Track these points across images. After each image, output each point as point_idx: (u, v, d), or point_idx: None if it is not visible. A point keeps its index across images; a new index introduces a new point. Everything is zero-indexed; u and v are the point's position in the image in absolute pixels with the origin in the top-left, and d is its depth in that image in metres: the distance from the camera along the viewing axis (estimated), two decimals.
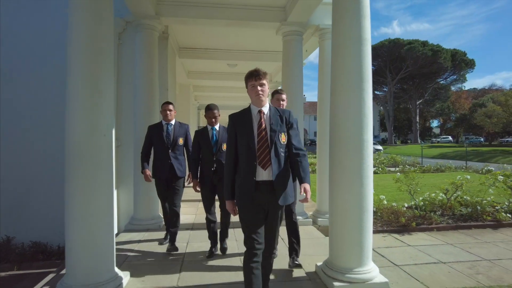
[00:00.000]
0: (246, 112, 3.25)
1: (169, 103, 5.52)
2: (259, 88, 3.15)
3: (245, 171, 3.10)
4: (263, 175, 3.09)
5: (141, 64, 6.38)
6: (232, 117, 3.28)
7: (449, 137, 58.67)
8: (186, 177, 5.40)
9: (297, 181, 3.20)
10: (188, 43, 9.49)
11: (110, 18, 3.83)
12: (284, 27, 6.84)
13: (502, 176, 7.91)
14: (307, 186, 3.09)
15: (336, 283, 3.84)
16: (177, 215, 5.41)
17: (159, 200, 5.83)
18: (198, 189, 5.01)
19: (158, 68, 6.85)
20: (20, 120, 7.37)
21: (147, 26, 6.46)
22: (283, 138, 3.16)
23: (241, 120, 3.20)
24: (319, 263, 4.46)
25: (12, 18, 7.39)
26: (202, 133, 4.98)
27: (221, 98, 16.95)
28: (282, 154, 3.13)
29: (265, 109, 3.22)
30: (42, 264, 6.48)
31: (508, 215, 7.30)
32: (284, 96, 4.49)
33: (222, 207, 4.51)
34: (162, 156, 5.36)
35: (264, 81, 3.18)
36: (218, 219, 5.21)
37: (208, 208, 5.07)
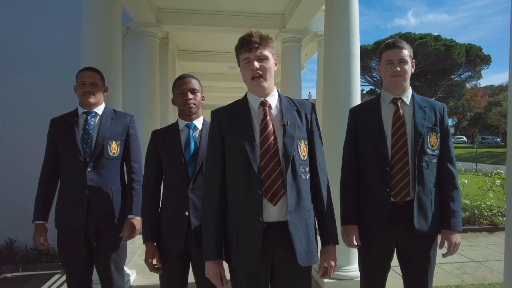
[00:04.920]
0: (240, 105, 2.12)
1: (91, 69, 3.04)
2: (256, 64, 1.98)
3: (242, 207, 1.99)
4: (271, 213, 1.97)
5: (143, 72, 7.00)
6: (217, 114, 2.12)
7: (463, 137, 59.17)
8: (126, 229, 2.93)
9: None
10: (188, 46, 10.14)
11: (118, 37, 4.52)
12: (283, 34, 7.48)
13: (499, 180, 8.52)
14: (332, 253, 2.12)
15: (326, 280, 4.48)
16: None
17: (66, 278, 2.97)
18: (157, 264, 2.57)
19: (159, 73, 7.50)
20: (21, 127, 7.94)
21: (148, 34, 7.07)
22: (303, 150, 2.06)
23: (232, 119, 2.07)
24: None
25: (15, 23, 7.95)
26: (166, 136, 2.65)
27: (222, 98, 17.58)
28: (302, 177, 2.03)
29: (272, 99, 2.10)
30: (46, 265, 7.05)
31: (504, 218, 7.91)
32: (405, 53, 2.52)
33: (199, 275, 2.52)
34: (72, 182, 2.88)
35: (266, 52, 2.01)
36: None
37: None
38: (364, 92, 66.00)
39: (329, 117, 4.61)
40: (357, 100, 4.53)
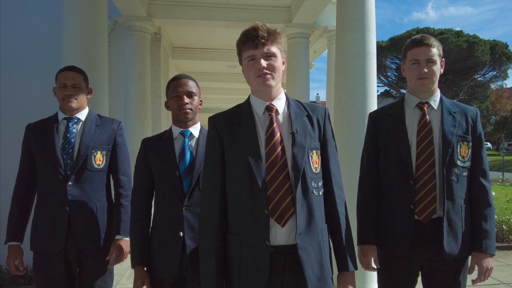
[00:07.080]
0: (243, 110, 2.05)
1: (73, 69, 2.90)
2: (263, 62, 1.89)
3: (246, 228, 1.90)
4: (279, 235, 1.87)
5: (132, 71, 6.97)
6: (215, 120, 2.05)
7: (488, 143, 58.93)
8: (113, 252, 2.80)
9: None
10: (182, 43, 10.14)
11: (104, 32, 4.48)
12: (289, 29, 7.47)
13: None
14: (351, 280, 2.02)
15: None
16: None
17: None
18: None
19: (151, 73, 7.46)
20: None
21: (138, 29, 7.05)
22: (315, 161, 1.97)
23: (233, 126, 1.99)
24: None
25: None
26: (158, 145, 2.57)
27: (220, 100, 17.56)
28: (315, 193, 1.94)
29: (279, 103, 2.02)
30: None
31: None
32: (434, 52, 2.42)
33: None
34: (51, 197, 2.77)
35: (274, 49, 1.92)
36: None
37: None
38: (378, 93, 66.08)
39: (342, 122, 4.54)
40: (373, 103, 4.47)
